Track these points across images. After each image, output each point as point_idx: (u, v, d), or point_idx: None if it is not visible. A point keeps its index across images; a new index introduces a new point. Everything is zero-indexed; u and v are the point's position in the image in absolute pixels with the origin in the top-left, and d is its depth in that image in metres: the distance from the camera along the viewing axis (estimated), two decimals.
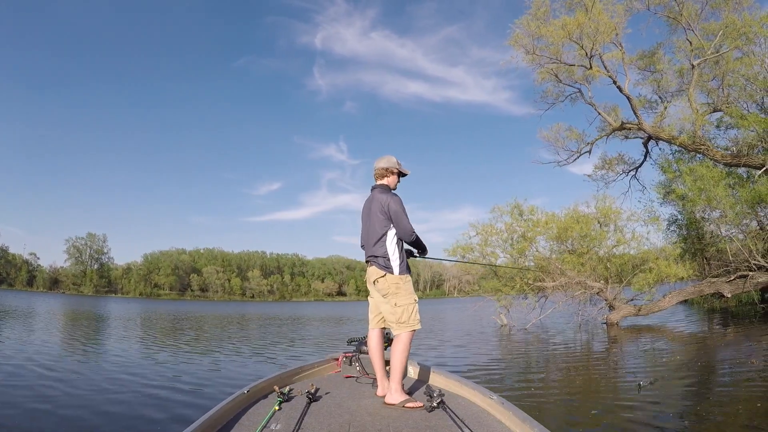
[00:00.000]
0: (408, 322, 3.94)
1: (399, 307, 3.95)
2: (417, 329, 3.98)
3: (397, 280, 4.01)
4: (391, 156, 4.40)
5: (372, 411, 3.54)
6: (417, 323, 3.98)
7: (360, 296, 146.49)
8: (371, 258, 4.14)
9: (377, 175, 4.36)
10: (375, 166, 4.38)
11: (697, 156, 19.27)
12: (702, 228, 20.36)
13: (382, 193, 4.18)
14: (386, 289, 4.02)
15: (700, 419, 5.59)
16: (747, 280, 15.55)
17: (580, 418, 5.92)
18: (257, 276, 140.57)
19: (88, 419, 6.05)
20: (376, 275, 4.08)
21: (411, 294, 4.03)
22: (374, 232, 4.11)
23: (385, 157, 4.39)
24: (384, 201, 4.11)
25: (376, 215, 4.11)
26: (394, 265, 4.03)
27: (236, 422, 3.18)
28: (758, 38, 16.46)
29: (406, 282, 4.05)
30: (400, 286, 4.00)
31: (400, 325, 3.94)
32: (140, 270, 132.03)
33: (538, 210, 20.21)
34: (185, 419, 5.80)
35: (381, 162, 4.35)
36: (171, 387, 8.12)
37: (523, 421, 2.98)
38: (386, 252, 4.05)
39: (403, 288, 4.00)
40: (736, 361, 9.30)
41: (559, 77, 19.96)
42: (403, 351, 3.89)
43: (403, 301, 3.96)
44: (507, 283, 19.38)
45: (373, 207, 4.17)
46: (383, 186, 4.30)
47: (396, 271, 4.02)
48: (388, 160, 4.35)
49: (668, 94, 20.28)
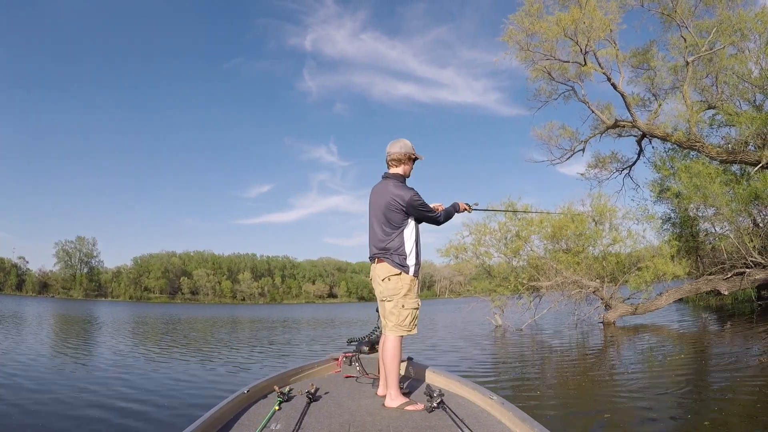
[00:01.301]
0: (408, 326, 3.78)
1: (406, 309, 3.76)
2: (413, 334, 3.85)
3: (410, 281, 3.79)
4: (406, 140, 4.01)
5: (372, 411, 3.51)
6: (414, 328, 3.83)
7: (351, 298, 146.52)
8: (382, 254, 3.82)
9: (392, 161, 3.97)
10: (388, 151, 3.97)
11: (690, 153, 19.20)
12: (696, 226, 20.29)
13: (398, 188, 3.82)
14: (398, 289, 3.77)
15: (701, 418, 5.49)
16: (744, 277, 15.48)
17: (577, 419, 5.81)
18: (248, 279, 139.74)
19: (86, 420, 5.98)
20: (387, 272, 3.79)
21: (417, 298, 3.86)
22: (389, 225, 3.81)
23: (399, 141, 3.99)
24: (402, 197, 3.77)
25: (392, 210, 3.79)
26: (410, 263, 3.79)
27: (236, 422, 3.16)
28: (753, 34, 16.40)
29: (416, 285, 3.85)
30: (411, 288, 3.79)
31: (400, 328, 3.76)
32: (130, 273, 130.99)
33: (532, 208, 20.00)
34: (183, 420, 5.73)
35: (395, 146, 3.96)
36: (167, 390, 7.96)
37: (523, 421, 2.95)
38: (403, 250, 3.79)
39: (414, 290, 3.81)
40: (737, 359, 9.19)
41: (552, 75, 19.78)
42: (397, 354, 3.75)
43: (411, 305, 3.78)
44: (501, 283, 19.19)
45: (386, 200, 3.82)
46: (397, 176, 3.95)
47: (411, 270, 3.79)
48: (404, 145, 3.98)
49: (662, 92, 20.20)
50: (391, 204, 3.79)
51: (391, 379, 3.66)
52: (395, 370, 3.69)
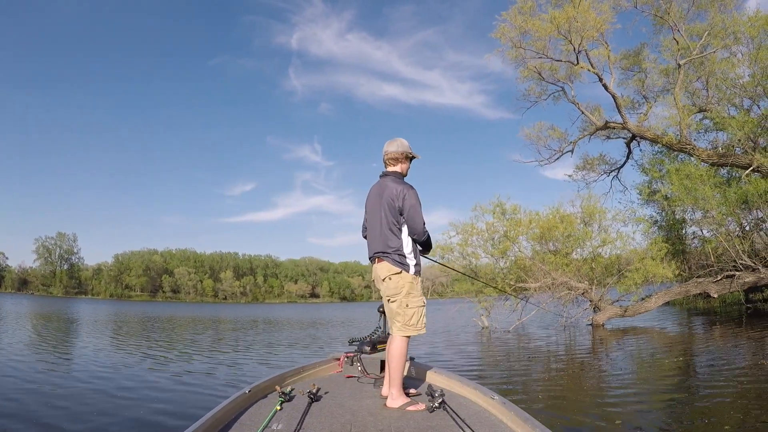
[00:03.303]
0: (416, 325, 3.71)
1: (411, 309, 3.69)
2: (422, 333, 3.76)
3: (411, 279, 3.72)
4: (403, 139, 4.01)
5: (374, 411, 3.50)
6: (423, 327, 3.76)
7: (333, 298, 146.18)
8: (382, 253, 3.77)
9: (389, 160, 3.97)
10: (385, 150, 3.98)
11: (679, 156, 19.19)
12: (683, 229, 20.30)
13: (396, 183, 3.81)
14: (399, 288, 3.70)
15: (699, 419, 5.46)
16: (734, 280, 15.52)
17: (568, 423, 5.64)
18: (230, 277, 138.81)
19: (84, 422, 5.80)
20: (388, 272, 3.74)
21: (422, 296, 3.78)
22: (388, 224, 3.76)
23: (396, 140, 4.00)
24: (400, 192, 3.74)
25: (391, 207, 3.75)
26: (411, 262, 3.74)
27: (237, 422, 3.14)
28: (746, 37, 16.40)
29: (419, 283, 3.77)
30: (414, 286, 3.72)
31: (408, 328, 3.69)
32: (111, 271, 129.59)
33: (521, 209, 19.85)
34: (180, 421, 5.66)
35: (392, 146, 3.97)
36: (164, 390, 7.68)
37: (525, 422, 2.94)
38: (402, 248, 3.74)
39: (416, 289, 3.73)
40: (727, 362, 9.18)
41: (542, 75, 19.68)
42: (404, 354, 3.68)
43: (415, 303, 3.70)
44: (488, 284, 18.99)
45: (385, 197, 3.78)
46: (395, 174, 3.94)
47: (412, 270, 3.73)
48: (401, 144, 3.97)
49: (652, 94, 20.23)
50: (390, 201, 3.76)
51: (395, 379, 3.61)
52: (400, 370, 3.64)
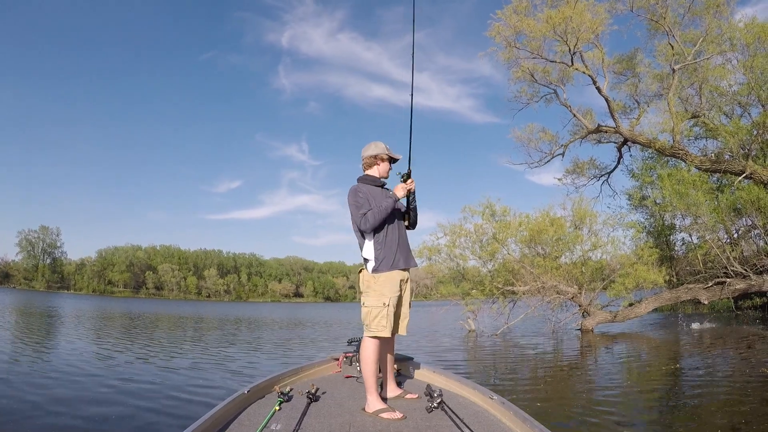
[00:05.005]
0: (370, 326, 3.61)
1: (365, 307, 3.68)
2: (381, 337, 3.59)
3: (369, 278, 3.72)
4: (379, 142, 4.00)
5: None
6: (380, 330, 3.58)
7: (317, 298, 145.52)
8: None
9: (365, 164, 3.99)
10: (363, 155, 3.99)
11: (669, 162, 19.10)
12: (672, 235, 20.22)
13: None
14: (359, 285, 3.79)
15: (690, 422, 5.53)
16: (725, 287, 15.45)
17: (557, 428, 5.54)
18: (213, 275, 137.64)
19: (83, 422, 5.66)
20: (360, 269, 3.85)
21: (381, 296, 3.63)
22: (353, 226, 3.84)
23: (372, 144, 3.99)
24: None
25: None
26: (370, 258, 3.74)
27: (236, 422, 3.14)
28: (741, 44, 16.34)
29: (379, 282, 3.66)
30: (371, 285, 3.68)
31: (366, 328, 3.64)
32: (94, 266, 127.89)
33: (510, 211, 19.60)
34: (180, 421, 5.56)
35: (368, 150, 3.97)
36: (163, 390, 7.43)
37: (523, 421, 2.95)
38: (362, 246, 3.80)
39: (374, 287, 3.66)
40: (717, 367, 9.25)
41: (534, 77, 19.51)
42: (370, 356, 3.58)
43: (370, 302, 3.64)
44: (475, 286, 18.75)
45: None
46: (367, 177, 3.95)
47: (369, 268, 3.72)
48: (377, 146, 3.96)
49: (645, 99, 20.11)
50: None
51: (367, 383, 3.53)
52: (369, 374, 3.55)
